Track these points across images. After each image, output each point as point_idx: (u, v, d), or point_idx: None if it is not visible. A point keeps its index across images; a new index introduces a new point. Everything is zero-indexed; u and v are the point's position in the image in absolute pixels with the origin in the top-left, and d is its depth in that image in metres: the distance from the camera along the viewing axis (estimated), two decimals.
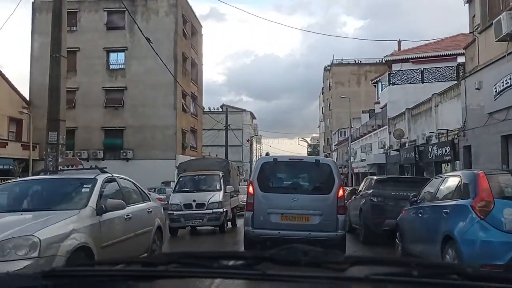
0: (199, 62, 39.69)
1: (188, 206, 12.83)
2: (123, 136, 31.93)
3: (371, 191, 10.49)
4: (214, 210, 12.67)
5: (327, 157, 57.80)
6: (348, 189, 16.91)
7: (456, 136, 17.32)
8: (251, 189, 8.10)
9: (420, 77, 28.22)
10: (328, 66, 63.51)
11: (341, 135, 55.11)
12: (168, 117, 31.69)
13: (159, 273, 1.31)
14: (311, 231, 7.60)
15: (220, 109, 73.10)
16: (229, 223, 14.75)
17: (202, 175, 14.35)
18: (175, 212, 12.77)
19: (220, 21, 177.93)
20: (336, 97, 60.36)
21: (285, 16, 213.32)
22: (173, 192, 13.81)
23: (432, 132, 19.92)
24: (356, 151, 40.87)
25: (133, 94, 31.88)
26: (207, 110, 70.80)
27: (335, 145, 56.01)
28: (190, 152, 35.52)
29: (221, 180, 13.88)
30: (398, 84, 28.73)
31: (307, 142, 53.01)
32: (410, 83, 28.42)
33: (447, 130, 18.26)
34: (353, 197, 12.81)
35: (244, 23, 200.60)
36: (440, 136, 19.31)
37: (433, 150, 19.38)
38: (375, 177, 11.56)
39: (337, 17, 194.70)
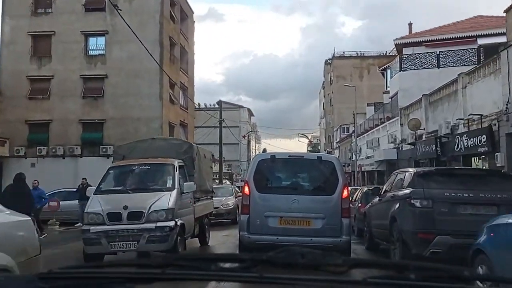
0: (190, 50, 36.09)
1: (114, 216, 7.79)
2: (103, 130, 28.29)
3: (409, 190, 6.90)
4: (159, 224, 7.67)
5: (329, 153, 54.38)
6: (363, 188, 13.32)
7: (495, 122, 13.70)
8: (246, 189, 7.42)
9: (436, 61, 24.72)
10: (329, 59, 59.87)
11: (343, 132, 51.54)
12: (153, 108, 28.07)
13: (156, 275, 1.29)
14: (312, 236, 6.92)
15: (217, 106, 69.40)
16: (194, 240, 10.33)
17: (144, 165, 9.02)
18: (92, 228, 7.75)
19: (219, 21, 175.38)
20: (337, 92, 56.70)
21: (283, 16, 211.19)
22: (94, 193, 8.48)
23: (460, 119, 16.32)
24: (360, 148, 37.31)
25: (114, 82, 28.28)
26: (203, 106, 67.32)
27: (337, 142, 52.36)
28: None
29: (176, 173, 8.65)
30: (410, 69, 25.16)
31: (307, 138, 49.05)
32: (424, 68, 24.90)
33: (481, 115, 14.71)
34: (375, 200, 9.22)
35: (243, 23, 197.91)
36: (470, 123, 15.71)
37: (461, 140, 15.79)
38: (412, 170, 7.90)
39: (335, 17, 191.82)
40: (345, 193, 7.28)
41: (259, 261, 1.24)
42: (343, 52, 57.47)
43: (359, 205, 12.05)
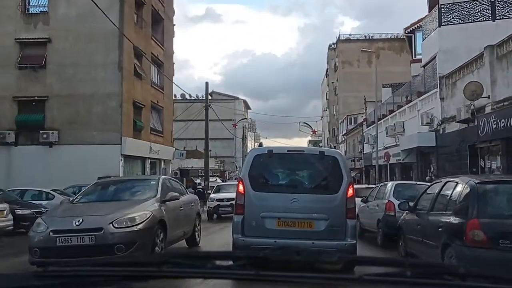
0: (168, 19, 29.08)
1: None
2: (45, 111, 21.29)
3: None
4: None
5: (332, 148, 47.38)
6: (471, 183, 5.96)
7: None
8: (241, 187, 6.56)
9: (489, 11, 17.70)
10: (333, 43, 52.83)
11: (350, 123, 44.51)
12: (110, 81, 21.11)
13: (152, 273, 1.27)
14: (314, 239, 6.13)
15: (210, 97, 62.33)
16: None
17: None
18: None
19: (216, 22, 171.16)
20: (343, 79, 49.75)
21: (280, 17, 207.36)
22: None
23: None
24: (375, 137, 30.29)
25: (60, 48, 21.35)
26: (195, 98, 60.50)
27: (343, 135, 45.28)
28: (150, 137, 24.91)
29: None
30: (454, 23, 18.12)
31: (310, 127, 41.21)
32: (473, 21, 17.89)
33: None
34: None
35: (240, 23, 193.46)
36: None
37: None
38: None
39: (333, 17, 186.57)
40: (350, 191, 6.41)
41: (255, 258, 1.23)
42: (349, 35, 50.54)
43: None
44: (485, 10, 17.74)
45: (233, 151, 62.03)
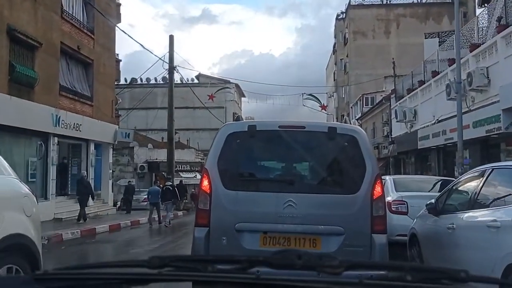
0: None
1: None
2: None
3: None
4: None
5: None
6: None
7: None
8: (206, 183, 3.97)
9: None
10: (342, 12, 42.46)
11: (366, 104, 34.26)
12: None
13: (152, 276, 1.23)
14: None
15: (196, 80, 52.39)
16: None
17: None
18: None
19: (213, 22, 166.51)
20: (355, 54, 39.37)
21: (276, 18, 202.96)
22: None
23: None
24: (414, 111, 20.22)
25: None
26: (179, 82, 50.88)
27: (357, 119, 35.00)
28: (60, 100, 14.72)
29: None
30: None
31: (318, 100, 30.15)
32: None
33: None
34: None
35: (238, 24, 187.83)
36: None
37: None
38: None
39: (329, 18, 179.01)
40: (378, 189, 3.87)
41: (256, 262, 1.22)
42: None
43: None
44: None
45: None
